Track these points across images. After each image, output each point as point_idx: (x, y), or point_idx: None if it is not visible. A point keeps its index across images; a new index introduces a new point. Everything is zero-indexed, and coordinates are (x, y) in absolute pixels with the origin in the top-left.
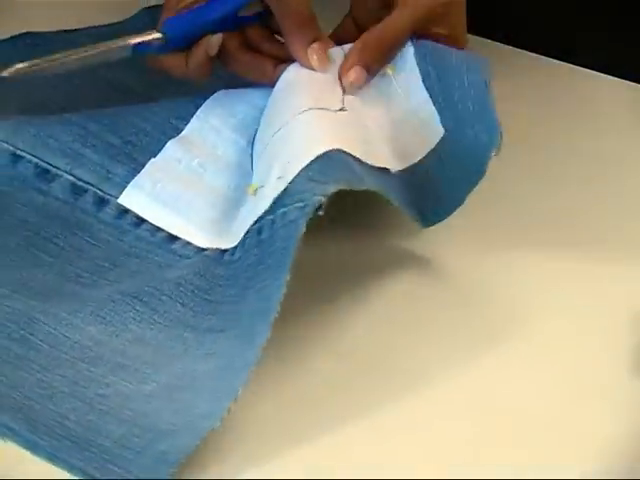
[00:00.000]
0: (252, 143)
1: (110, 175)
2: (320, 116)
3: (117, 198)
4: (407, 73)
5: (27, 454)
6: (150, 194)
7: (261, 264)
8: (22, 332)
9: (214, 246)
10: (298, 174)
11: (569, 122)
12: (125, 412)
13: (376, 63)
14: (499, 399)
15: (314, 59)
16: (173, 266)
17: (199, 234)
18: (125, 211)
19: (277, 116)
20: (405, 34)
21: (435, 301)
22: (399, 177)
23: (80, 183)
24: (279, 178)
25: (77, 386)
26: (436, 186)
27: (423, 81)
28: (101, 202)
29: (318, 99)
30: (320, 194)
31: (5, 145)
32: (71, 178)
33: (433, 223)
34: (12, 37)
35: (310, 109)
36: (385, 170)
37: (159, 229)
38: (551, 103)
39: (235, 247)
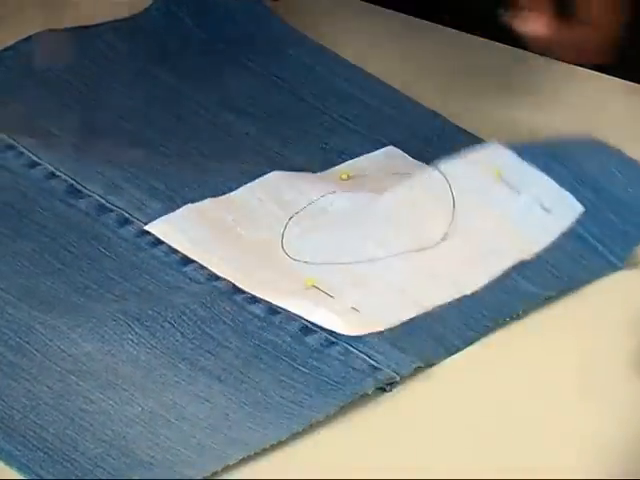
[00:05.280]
0: (291, 217)
1: (143, 207)
2: (414, 264)
3: (143, 222)
4: (519, 172)
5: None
6: (178, 226)
7: (294, 361)
8: (18, 340)
9: (229, 278)
10: (379, 332)
11: (569, 122)
12: (105, 432)
13: None
14: (499, 399)
15: None
16: (182, 289)
17: (216, 262)
18: (146, 232)
19: (365, 238)
20: None
21: None
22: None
23: (109, 205)
24: (353, 309)
25: (62, 399)
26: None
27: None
28: (125, 221)
29: (418, 235)
30: (396, 370)
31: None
32: (101, 200)
33: None
34: (34, 34)
35: (407, 252)
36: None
37: (175, 251)
38: (551, 103)
39: (255, 299)
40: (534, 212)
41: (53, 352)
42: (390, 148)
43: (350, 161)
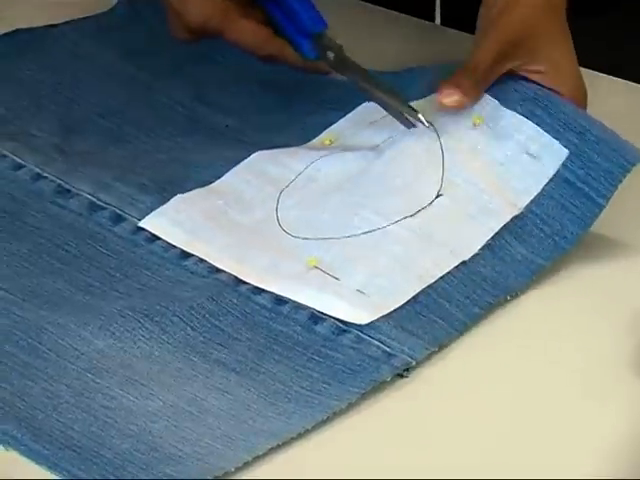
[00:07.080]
0: (281, 191)
1: (135, 202)
2: (411, 230)
3: (136, 218)
4: (501, 118)
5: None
6: (171, 219)
7: (307, 350)
8: (30, 340)
9: (230, 270)
10: (388, 315)
11: None
12: (129, 427)
13: (472, 89)
14: (499, 399)
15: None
16: (186, 283)
17: (215, 255)
18: (141, 229)
19: (361, 206)
20: (492, 56)
21: None
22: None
23: (100, 203)
24: (359, 291)
25: (82, 397)
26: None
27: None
28: (118, 218)
29: (413, 193)
30: (410, 355)
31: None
32: (92, 198)
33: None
34: (4, 34)
35: (404, 218)
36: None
37: (173, 247)
38: None
39: (259, 289)
40: (521, 160)
41: (66, 351)
42: (366, 104)
43: (330, 127)
